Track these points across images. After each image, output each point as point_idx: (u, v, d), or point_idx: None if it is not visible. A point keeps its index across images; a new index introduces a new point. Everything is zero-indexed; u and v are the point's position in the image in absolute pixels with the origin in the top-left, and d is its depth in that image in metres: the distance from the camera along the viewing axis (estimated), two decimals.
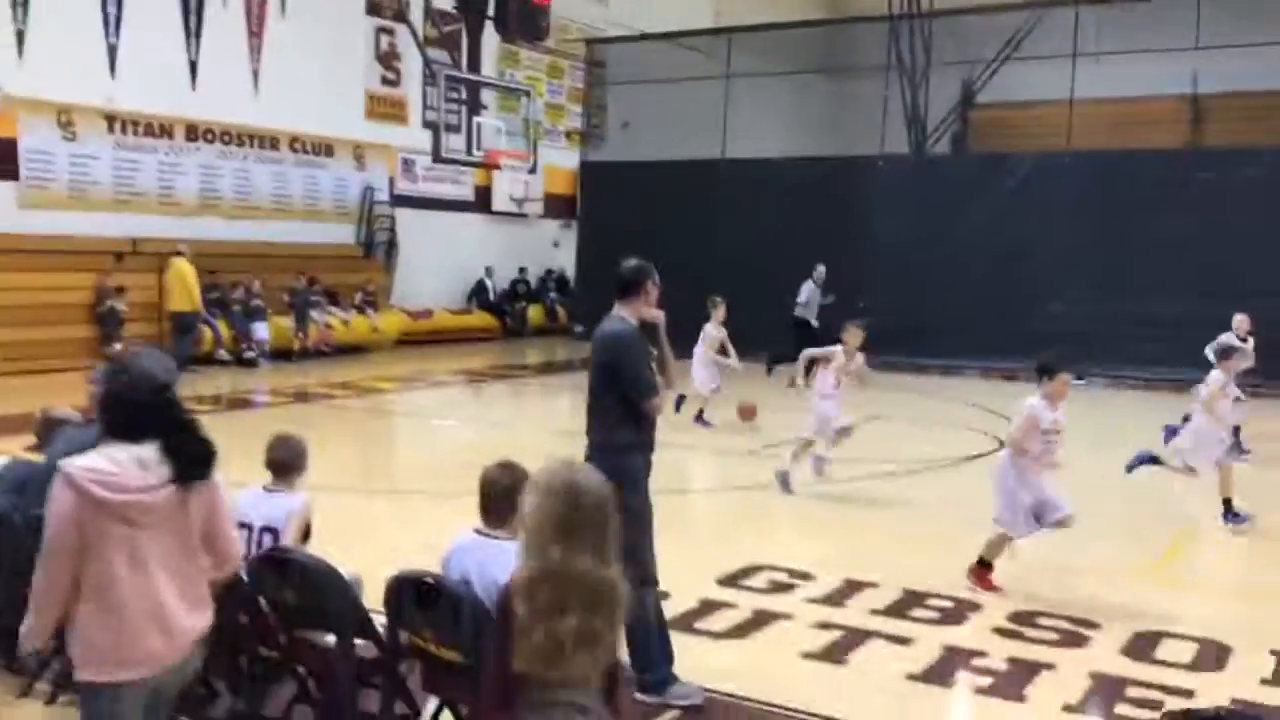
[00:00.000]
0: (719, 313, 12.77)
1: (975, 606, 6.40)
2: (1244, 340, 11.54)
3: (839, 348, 9.58)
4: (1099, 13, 19.44)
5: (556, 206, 25.07)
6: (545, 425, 13.03)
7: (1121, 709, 5.07)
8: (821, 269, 17.66)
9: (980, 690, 5.32)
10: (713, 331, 12.78)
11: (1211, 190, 17.30)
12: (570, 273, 24.81)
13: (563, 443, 5.60)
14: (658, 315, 5.06)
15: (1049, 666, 5.53)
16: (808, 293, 17.69)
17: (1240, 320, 12.09)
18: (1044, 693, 5.23)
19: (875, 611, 6.30)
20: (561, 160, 24.64)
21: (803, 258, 18.16)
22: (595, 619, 2.64)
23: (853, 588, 6.69)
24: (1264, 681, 5.42)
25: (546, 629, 2.60)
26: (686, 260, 16.38)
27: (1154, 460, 8.54)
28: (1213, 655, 5.75)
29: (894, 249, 19.50)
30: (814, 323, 17.34)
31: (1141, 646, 5.84)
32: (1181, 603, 6.74)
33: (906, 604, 6.43)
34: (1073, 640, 5.92)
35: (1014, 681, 5.36)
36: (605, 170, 23.25)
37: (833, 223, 19.66)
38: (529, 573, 2.68)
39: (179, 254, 16.29)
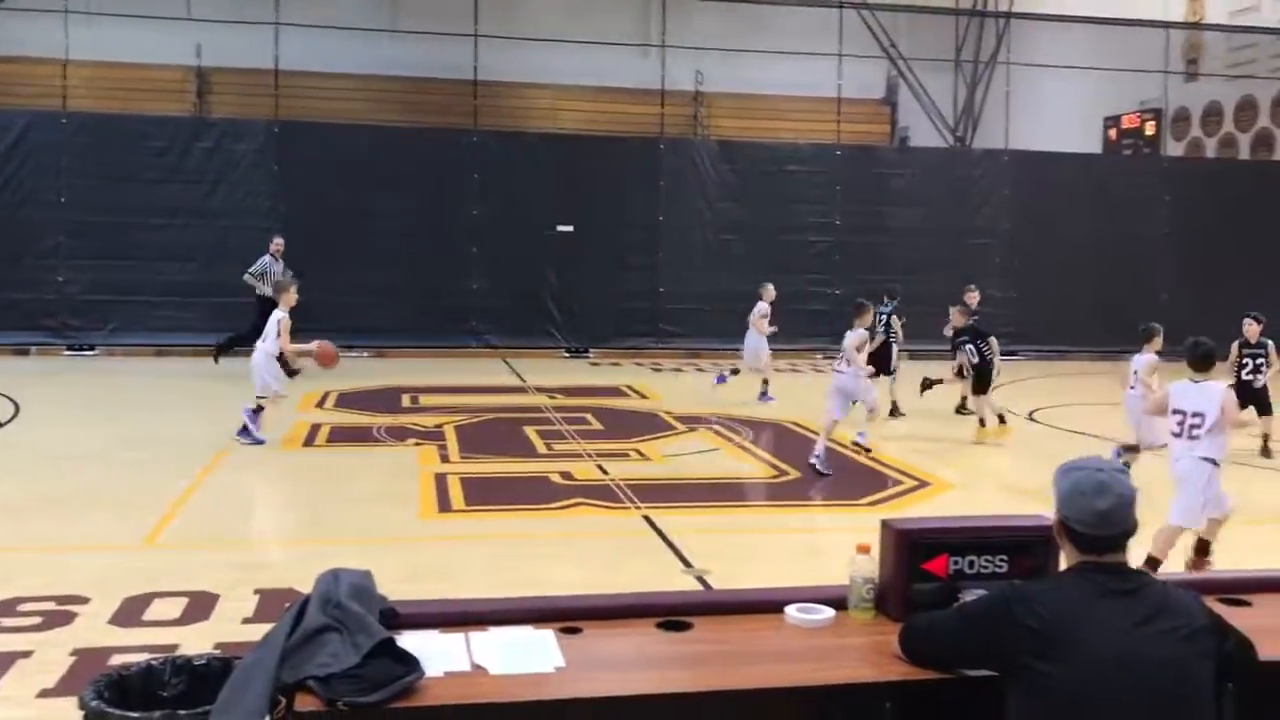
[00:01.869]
0: None
1: None
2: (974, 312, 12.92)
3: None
4: None
5: None
6: None
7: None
8: (280, 240, 15.43)
9: None
10: None
11: (213, 159, 17.94)
12: None
13: None
14: None
15: (27, 654, 5.18)
16: (266, 265, 15.27)
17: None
18: (18, 683, 4.87)
19: None
20: None
21: None
22: None
23: None
24: (246, 620, 5.74)
25: None
26: None
27: None
28: (201, 606, 5.92)
29: None
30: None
31: (131, 612, 5.79)
32: (175, 563, 6.83)
33: None
34: (58, 620, 5.63)
35: None
36: None
37: None
38: None
39: None
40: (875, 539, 3.31)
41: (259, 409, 10.25)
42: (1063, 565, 2.79)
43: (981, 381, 11.76)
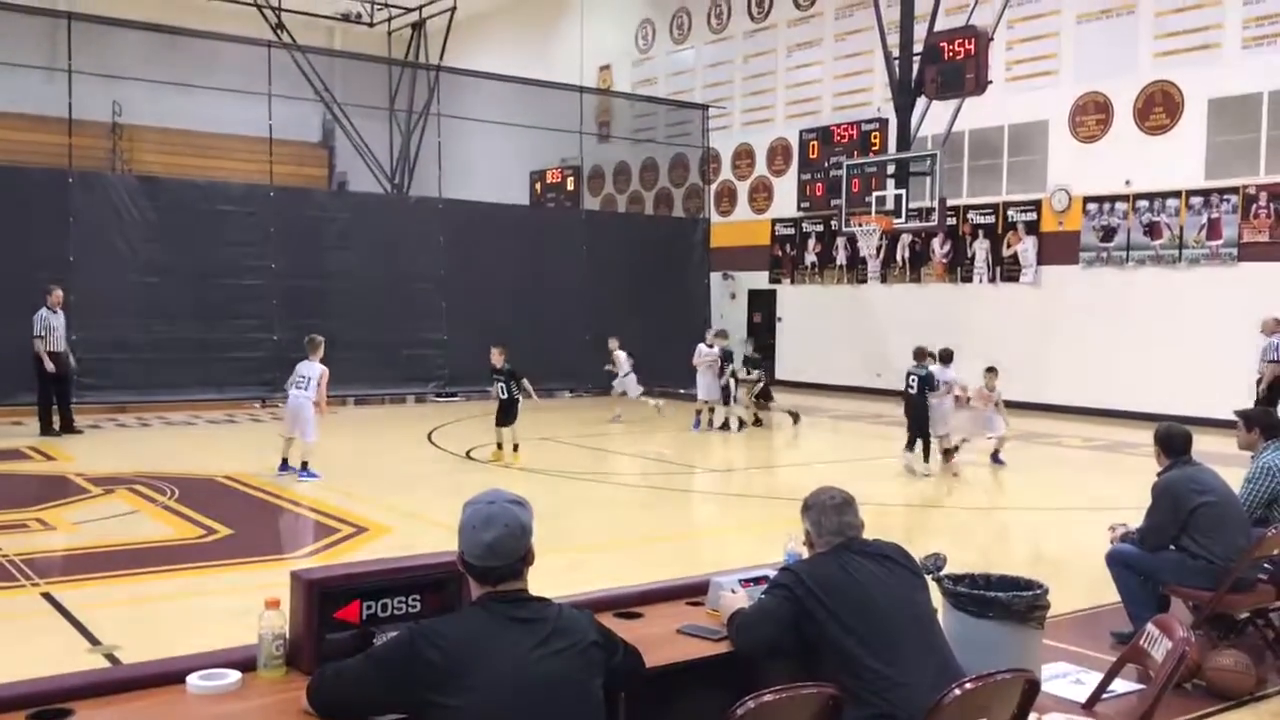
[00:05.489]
0: None
1: None
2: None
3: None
4: None
5: None
6: None
7: None
8: (59, 292, 14.52)
9: None
10: None
11: None
12: None
13: None
14: None
15: None
16: (54, 323, 14.29)
17: None
18: None
19: None
20: None
21: None
22: None
23: None
24: None
25: None
26: None
27: None
28: None
29: None
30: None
31: None
32: None
33: None
34: None
35: None
36: None
37: None
38: None
39: None
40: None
41: (304, 463, 11.39)
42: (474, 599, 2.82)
43: (505, 415, 12.95)
